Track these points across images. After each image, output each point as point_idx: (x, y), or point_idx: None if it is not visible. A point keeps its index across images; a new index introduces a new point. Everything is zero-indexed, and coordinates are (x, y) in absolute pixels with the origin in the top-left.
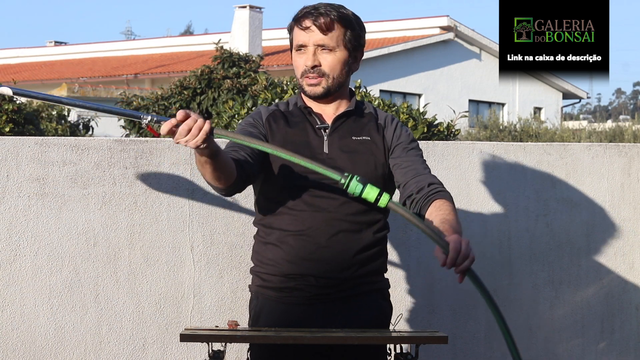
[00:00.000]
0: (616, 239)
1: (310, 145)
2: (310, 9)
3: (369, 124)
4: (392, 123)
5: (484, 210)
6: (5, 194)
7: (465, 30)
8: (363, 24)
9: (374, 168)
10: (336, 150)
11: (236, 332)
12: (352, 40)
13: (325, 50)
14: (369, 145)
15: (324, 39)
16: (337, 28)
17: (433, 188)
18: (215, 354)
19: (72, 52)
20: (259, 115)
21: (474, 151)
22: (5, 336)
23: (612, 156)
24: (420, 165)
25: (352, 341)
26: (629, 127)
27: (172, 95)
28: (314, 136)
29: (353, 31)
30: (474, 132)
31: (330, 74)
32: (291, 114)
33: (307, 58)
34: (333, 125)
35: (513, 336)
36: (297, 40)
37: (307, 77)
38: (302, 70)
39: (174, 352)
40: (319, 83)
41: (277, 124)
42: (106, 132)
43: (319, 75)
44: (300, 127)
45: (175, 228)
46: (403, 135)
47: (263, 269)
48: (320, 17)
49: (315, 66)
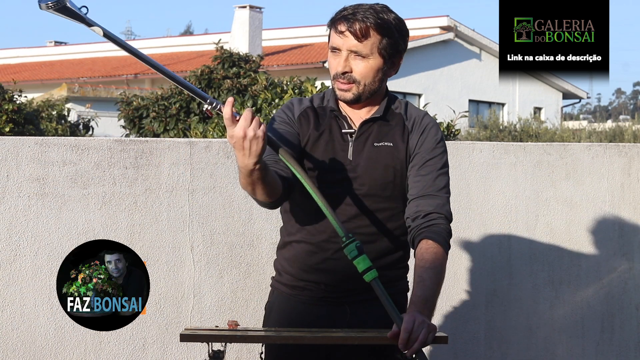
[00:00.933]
0: (616, 239)
1: (335, 151)
2: (348, 13)
3: (395, 127)
4: (419, 127)
5: (484, 210)
6: (5, 194)
7: (465, 30)
8: (405, 28)
9: (391, 176)
10: (358, 156)
11: (236, 332)
12: (387, 47)
13: (358, 56)
14: (390, 151)
15: (357, 45)
16: (372, 35)
17: (427, 220)
18: (215, 354)
19: (72, 52)
20: (291, 112)
21: (474, 151)
22: (5, 336)
23: (612, 156)
24: (429, 182)
25: (352, 341)
26: (629, 127)
27: (172, 95)
28: (340, 141)
29: (390, 38)
30: (474, 132)
31: (361, 81)
32: (323, 112)
33: (339, 63)
34: (359, 130)
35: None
36: (332, 42)
37: (338, 81)
38: (334, 73)
39: (174, 352)
40: (350, 89)
41: (307, 125)
42: (106, 132)
43: (349, 81)
44: (328, 130)
45: (175, 228)
46: (427, 142)
47: (280, 265)
48: (356, 22)
49: (346, 72)
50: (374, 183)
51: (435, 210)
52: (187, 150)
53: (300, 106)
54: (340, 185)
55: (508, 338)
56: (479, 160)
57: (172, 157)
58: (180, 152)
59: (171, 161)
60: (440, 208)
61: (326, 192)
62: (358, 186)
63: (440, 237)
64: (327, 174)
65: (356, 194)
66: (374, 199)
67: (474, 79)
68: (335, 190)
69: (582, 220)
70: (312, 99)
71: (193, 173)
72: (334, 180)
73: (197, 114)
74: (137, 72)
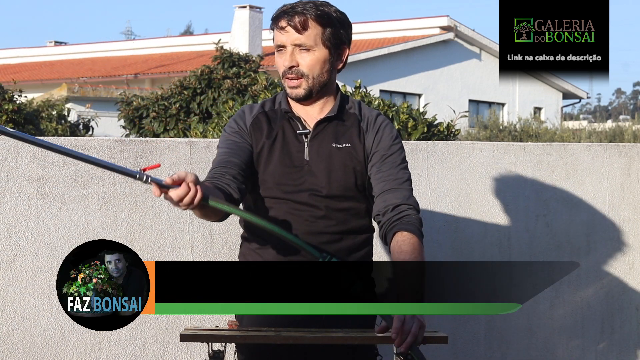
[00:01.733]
0: (616, 239)
1: (291, 153)
2: (287, 8)
3: (351, 128)
4: (373, 126)
5: (484, 210)
6: (5, 194)
7: (465, 30)
8: (347, 19)
9: (352, 176)
10: (316, 157)
11: (236, 332)
12: (331, 38)
13: (303, 49)
14: (349, 152)
15: (300, 38)
16: (313, 26)
17: (397, 213)
18: (215, 354)
19: (72, 52)
20: (243, 120)
21: (474, 151)
22: (5, 336)
23: (612, 156)
24: (392, 177)
25: (352, 341)
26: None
27: (172, 95)
28: (295, 142)
29: (333, 28)
30: (474, 132)
31: (309, 74)
32: (275, 116)
33: (285, 58)
34: (314, 130)
35: None
36: (276, 41)
37: (287, 77)
38: (282, 70)
39: (174, 352)
40: (300, 85)
41: (260, 132)
42: (106, 132)
43: (297, 75)
44: (281, 132)
45: (175, 228)
46: (384, 139)
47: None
48: (295, 16)
49: (293, 66)
50: (335, 184)
51: (403, 201)
52: (187, 150)
53: (251, 114)
54: (300, 188)
55: (508, 338)
56: (479, 160)
57: (172, 157)
58: (180, 152)
59: (171, 161)
60: (407, 199)
61: (288, 197)
62: (319, 188)
63: (414, 226)
64: (286, 178)
65: (319, 195)
66: (337, 200)
67: (474, 79)
68: (296, 194)
69: (582, 220)
70: (263, 104)
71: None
72: (295, 184)
73: (197, 114)
74: (137, 72)
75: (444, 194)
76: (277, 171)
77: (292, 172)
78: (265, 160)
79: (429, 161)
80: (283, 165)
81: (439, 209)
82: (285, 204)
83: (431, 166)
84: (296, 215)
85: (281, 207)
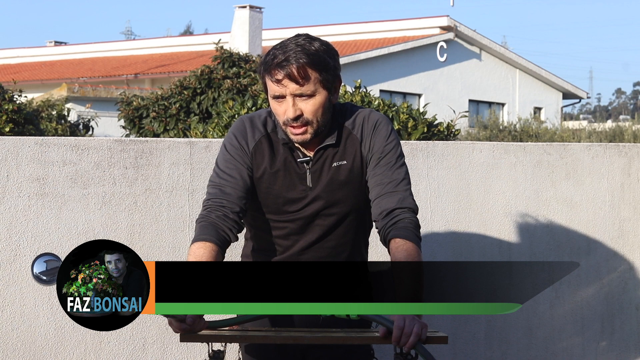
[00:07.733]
0: (616, 239)
1: (294, 182)
2: (279, 60)
3: (348, 143)
4: (367, 130)
5: (484, 210)
6: (5, 194)
7: (465, 30)
8: (332, 48)
9: (350, 192)
10: (318, 180)
11: (236, 332)
12: (329, 78)
13: (304, 97)
14: (346, 169)
15: (300, 88)
16: (311, 73)
17: (391, 218)
18: (215, 354)
19: (72, 52)
20: (245, 141)
21: (474, 151)
22: (5, 336)
23: (612, 156)
24: (387, 179)
25: (352, 341)
26: (629, 127)
27: (172, 95)
28: (297, 171)
29: (327, 69)
30: (474, 132)
31: (313, 119)
32: (277, 138)
33: (287, 109)
34: (315, 156)
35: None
36: (272, 91)
37: (290, 126)
38: (283, 120)
39: (174, 352)
40: (305, 132)
41: (262, 158)
42: (106, 132)
43: (302, 124)
44: (283, 163)
45: (175, 228)
46: (378, 140)
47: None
48: (291, 67)
49: (298, 116)
50: (335, 202)
51: (397, 205)
52: (187, 150)
53: (254, 135)
54: (303, 210)
55: (508, 338)
56: (479, 160)
57: (172, 157)
58: (180, 152)
59: (171, 161)
60: (402, 202)
61: (290, 219)
62: (320, 206)
63: (408, 231)
64: (287, 206)
65: (320, 213)
66: (337, 216)
67: (474, 79)
68: (298, 216)
69: (582, 220)
70: (265, 123)
71: (193, 173)
72: (296, 209)
73: (197, 114)
74: (137, 72)
75: (444, 194)
76: (278, 196)
77: (294, 198)
78: (267, 186)
79: (429, 161)
80: (285, 193)
81: (439, 209)
82: (290, 223)
83: (431, 166)
84: (300, 234)
85: (285, 226)
